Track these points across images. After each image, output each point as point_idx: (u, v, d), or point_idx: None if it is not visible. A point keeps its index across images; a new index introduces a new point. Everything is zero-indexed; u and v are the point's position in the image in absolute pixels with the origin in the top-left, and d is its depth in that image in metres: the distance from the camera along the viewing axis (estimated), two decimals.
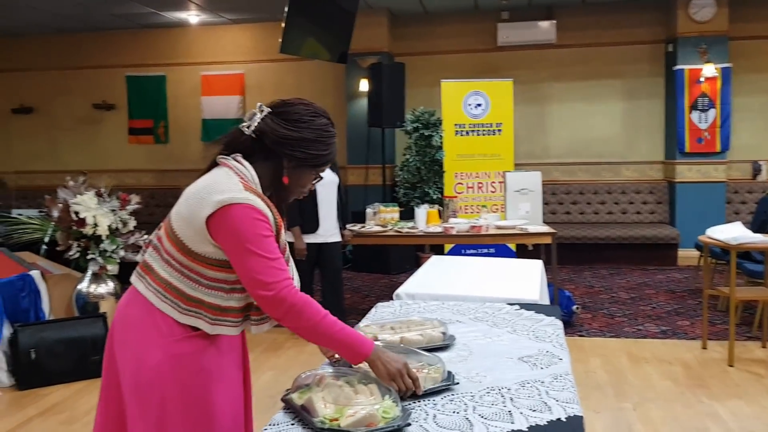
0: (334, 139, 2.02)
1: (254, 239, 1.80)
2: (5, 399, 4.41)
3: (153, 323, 1.87)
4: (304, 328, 1.84)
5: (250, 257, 1.80)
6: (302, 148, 1.94)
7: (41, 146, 10.67)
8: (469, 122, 7.92)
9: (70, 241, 5.12)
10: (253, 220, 1.81)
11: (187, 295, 1.86)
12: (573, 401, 1.86)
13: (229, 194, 1.81)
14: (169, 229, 1.90)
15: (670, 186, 8.92)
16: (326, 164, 2.02)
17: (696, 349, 5.11)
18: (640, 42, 9.06)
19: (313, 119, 1.97)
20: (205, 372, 1.88)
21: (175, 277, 1.87)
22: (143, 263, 1.96)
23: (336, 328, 1.85)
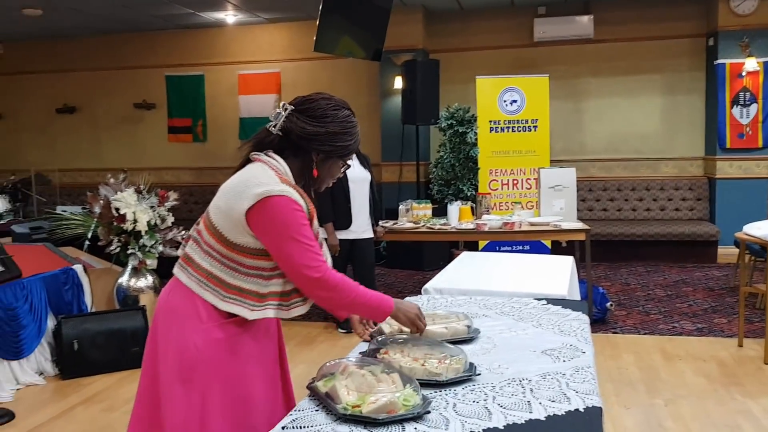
0: (357, 128, 2.13)
1: (295, 228, 1.92)
2: (50, 388, 4.57)
3: (194, 310, 1.98)
4: (345, 302, 2.01)
5: (292, 245, 1.92)
6: (330, 141, 2.05)
7: (84, 145, 10.93)
8: (505, 118, 7.91)
9: (111, 236, 5.27)
10: (292, 211, 1.93)
11: (228, 283, 1.97)
12: (593, 393, 1.88)
13: (267, 187, 1.92)
14: (208, 222, 2.02)
15: (710, 182, 8.78)
16: (352, 153, 2.14)
17: (732, 347, 5.04)
18: (680, 36, 8.93)
19: (336, 112, 2.07)
20: (242, 355, 2.01)
21: (215, 266, 1.98)
22: (184, 255, 2.07)
23: (367, 297, 2.02)
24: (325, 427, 1.70)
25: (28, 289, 4.70)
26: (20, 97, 11.06)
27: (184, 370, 1.97)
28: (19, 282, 4.64)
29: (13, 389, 4.45)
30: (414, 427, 1.67)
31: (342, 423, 1.70)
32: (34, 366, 4.71)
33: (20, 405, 4.21)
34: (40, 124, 11.03)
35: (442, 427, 1.67)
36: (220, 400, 1.98)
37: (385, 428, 1.67)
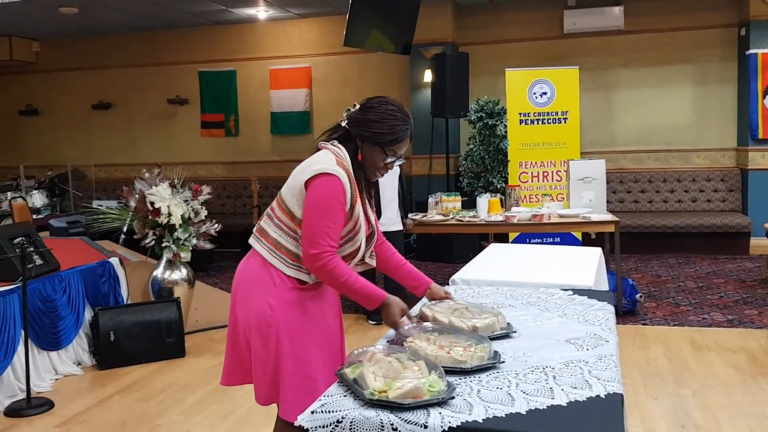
0: (399, 122, 2.39)
1: (328, 205, 2.27)
2: (87, 377, 4.70)
3: (269, 275, 2.38)
4: (334, 284, 2.35)
5: (317, 218, 2.27)
6: (367, 127, 2.38)
7: (119, 140, 11.13)
8: (534, 111, 7.90)
9: (146, 229, 5.39)
10: (335, 190, 2.27)
11: (293, 252, 2.36)
12: (615, 380, 1.92)
13: (323, 165, 2.29)
14: (279, 199, 2.40)
15: (742, 173, 8.69)
16: (389, 143, 2.39)
17: (762, 338, 5.02)
18: (712, 26, 8.83)
19: (381, 105, 2.41)
20: (308, 315, 2.38)
21: (283, 238, 2.37)
22: (259, 228, 2.46)
23: (356, 286, 2.30)
24: (353, 411, 1.75)
25: (67, 282, 4.83)
26: (57, 94, 11.30)
27: (261, 326, 2.35)
28: (57, 275, 4.78)
29: (52, 379, 4.58)
30: (439, 411, 1.72)
31: (369, 408, 1.76)
32: (72, 356, 4.84)
33: (59, 394, 4.34)
34: (76, 121, 11.26)
35: (466, 412, 1.72)
36: (290, 351, 2.34)
37: (410, 413, 1.72)
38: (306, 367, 2.35)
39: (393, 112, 2.39)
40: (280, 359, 2.34)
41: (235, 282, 2.48)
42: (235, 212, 10.26)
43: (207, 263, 8.38)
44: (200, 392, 4.35)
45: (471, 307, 2.45)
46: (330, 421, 1.75)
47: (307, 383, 2.34)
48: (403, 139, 2.41)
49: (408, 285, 2.64)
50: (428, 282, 2.59)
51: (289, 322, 2.35)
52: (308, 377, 2.35)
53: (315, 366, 2.37)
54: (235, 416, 3.94)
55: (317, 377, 2.36)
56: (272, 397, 2.39)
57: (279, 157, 10.33)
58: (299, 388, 2.33)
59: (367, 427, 1.72)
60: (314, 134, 10.00)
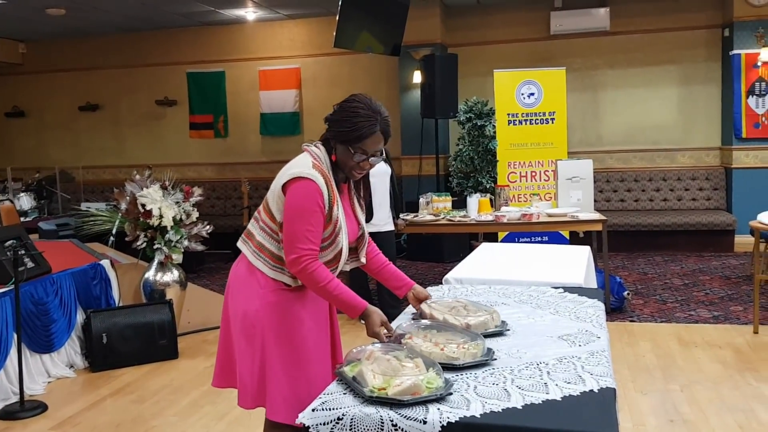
0: (361, 118, 2.33)
1: (305, 209, 2.29)
2: (80, 380, 4.70)
3: (255, 278, 2.41)
4: (314, 289, 2.34)
5: (294, 223, 2.29)
6: (334, 127, 2.38)
7: (107, 142, 11.10)
8: (522, 111, 7.97)
9: (138, 231, 5.39)
10: (310, 193, 2.29)
11: (275, 255, 2.38)
12: (607, 375, 1.97)
13: (299, 169, 2.32)
14: (264, 203, 2.44)
15: (726, 172, 8.80)
16: (353, 141, 2.34)
17: (747, 334, 5.11)
18: (696, 27, 8.94)
19: (347, 104, 2.39)
20: (292, 316, 2.41)
21: (267, 240, 2.40)
22: (246, 231, 2.50)
23: (336, 292, 2.32)
24: (353, 408, 1.80)
25: (58, 284, 4.83)
26: (44, 96, 11.25)
27: (246, 327, 2.40)
28: (49, 277, 4.77)
29: (45, 382, 4.58)
30: (437, 407, 1.77)
31: (369, 405, 1.80)
32: (64, 359, 4.84)
33: (52, 397, 4.34)
34: (64, 122, 11.22)
35: (464, 407, 1.77)
36: (277, 353, 2.37)
37: (409, 409, 1.76)
38: (292, 367, 2.37)
39: (356, 109, 2.34)
40: (266, 360, 2.37)
41: (228, 284, 2.53)
42: (225, 214, 10.26)
43: (198, 265, 8.39)
44: (194, 393, 4.37)
45: (469, 305, 2.49)
46: (331, 418, 1.79)
47: (294, 383, 2.37)
48: (369, 136, 2.33)
49: (391, 286, 2.67)
50: (411, 283, 2.61)
51: (274, 323, 2.37)
52: (295, 377, 2.37)
53: (302, 366, 2.39)
54: (230, 417, 3.97)
55: (304, 377, 2.38)
56: (258, 400, 2.41)
57: (269, 158, 10.34)
58: (286, 388, 2.36)
59: (368, 424, 1.76)
60: (304, 135, 10.04)
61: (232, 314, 2.45)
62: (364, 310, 2.33)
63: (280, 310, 2.39)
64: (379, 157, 2.42)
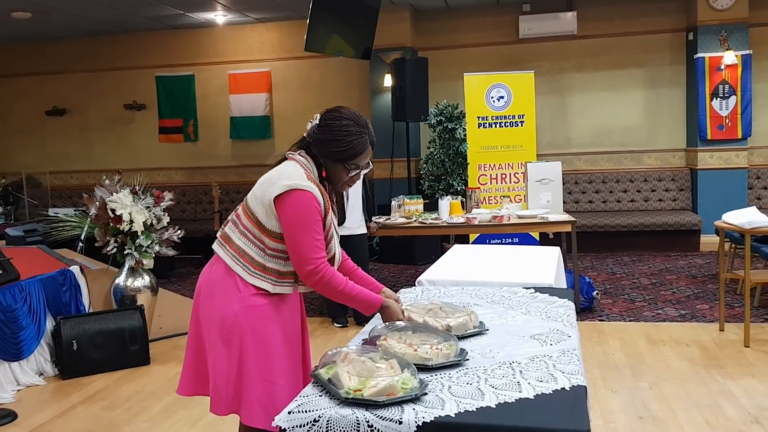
0: (355, 137, 2.39)
1: (308, 221, 2.30)
2: (50, 388, 4.64)
3: (233, 282, 2.38)
4: (333, 294, 2.38)
5: (301, 235, 2.30)
6: (326, 147, 2.40)
7: (75, 147, 10.97)
8: (492, 114, 8.04)
9: (108, 237, 5.34)
10: (310, 206, 2.30)
11: (256, 261, 2.37)
12: (578, 373, 2.01)
13: (295, 180, 2.31)
14: (246, 207, 2.41)
15: (692, 173, 8.97)
16: (349, 159, 2.40)
17: (713, 332, 5.21)
18: (661, 31, 9.11)
19: (335, 122, 2.39)
20: (271, 320, 2.39)
21: (248, 245, 2.38)
22: (223, 234, 2.47)
23: (354, 293, 2.38)
24: (329, 410, 1.81)
25: (27, 291, 4.76)
26: (9, 100, 11.09)
27: (224, 332, 2.37)
28: (17, 284, 4.69)
29: (14, 390, 4.50)
30: (412, 408, 1.79)
31: (345, 406, 1.81)
32: (34, 367, 4.77)
33: (22, 405, 4.28)
34: (30, 127, 11.06)
35: (439, 407, 1.79)
36: (254, 357, 2.36)
37: (385, 410, 1.78)
38: (269, 371, 2.37)
39: (347, 127, 2.37)
40: (244, 365, 2.35)
41: (198, 288, 2.50)
42: (196, 218, 10.20)
43: (168, 270, 8.33)
44: (167, 399, 4.34)
45: (445, 306, 2.52)
46: (307, 420, 1.80)
47: (270, 387, 2.36)
48: (362, 152, 2.40)
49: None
50: (379, 287, 2.60)
51: (253, 328, 2.36)
52: (271, 381, 2.37)
53: (278, 370, 2.39)
54: (203, 422, 3.95)
55: (280, 381, 2.38)
56: (232, 406, 2.39)
57: (239, 162, 10.31)
58: (262, 393, 2.35)
59: (344, 425, 1.77)
60: (275, 139, 10.02)
61: (206, 319, 2.42)
62: (381, 303, 2.41)
63: (259, 314, 2.37)
64: (369, 167, 2.51)
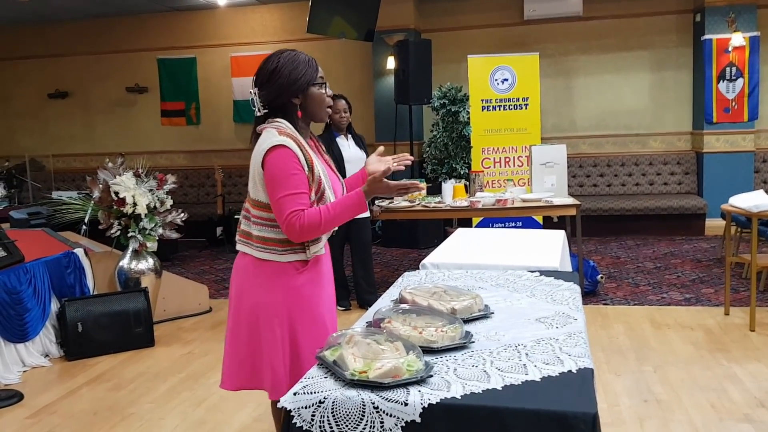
0: (302, 55, 2.44)
1: (284, 175, 2.28)
2: (56, 369, 4.67)
3: (265, 269, 2.40)
4: (319, 229, 2.33)
5: (277, 189, 2.29)
6: (290, 86, 2.39)
7: (77, 130, 10.95)
8: (496, 97, 7.98)
9: (112, 219, 5.35)
10: (285, 158, 2.28)
11: (281, 240, 2.38)
12: (584, 355, 2.00)
13: (268, 142, 2.31)
14: (249, 197, 2.44)
15: (697, 156, 8.92)
16: (312, 78, 2.42)
17: (719, 315, 5.20)
18: (668, 12, 9.02)
19: (278, 64, 2.40)
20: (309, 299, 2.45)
21: (267, 231, 2.39)
22: (241, 232, 2.48)
23: (338, 210, 2.34)
24: (335, 392, 1.80)
25: (32, 273, 4.78)
26: (11, 83, 11.06)
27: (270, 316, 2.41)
28: (22, 266, 4.72)
29: (20, 371, 4.54)
30: (418, 389, 1.78)
31: (350, 388, 1.81)
32: (39, 348, 4.80)
33: (28, 386, 4.31)
34: (33, 110, 11.04)
35: (444, 389, 1.78)
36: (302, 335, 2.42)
37: (391, 391, 1.77)
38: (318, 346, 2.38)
39: (287, 57, 2.40)
40: (296, 344, 2.41)
41: (233, 284, 2.52)
42: (198, 201, 10.19)
43: (172, 253, 8.33)
44: (171, 380, 4.36)
45: (450, 290, 2.51)
46: (312, 401, 1.80)
47: None
48: (316, 63, 2.46)
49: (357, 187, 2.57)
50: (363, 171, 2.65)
51: (294, 308, 2.41)
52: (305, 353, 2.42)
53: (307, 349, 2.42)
54: (208, 403, 3.96)
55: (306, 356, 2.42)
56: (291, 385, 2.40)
57: (242, 146, 10.28)
58: None
59: (349, 407, 1.77)
60: None
61: (246, 310, 2.44)
62: (363, 193, 2.36)
63: (297, 294, 2.41)
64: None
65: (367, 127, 9.23)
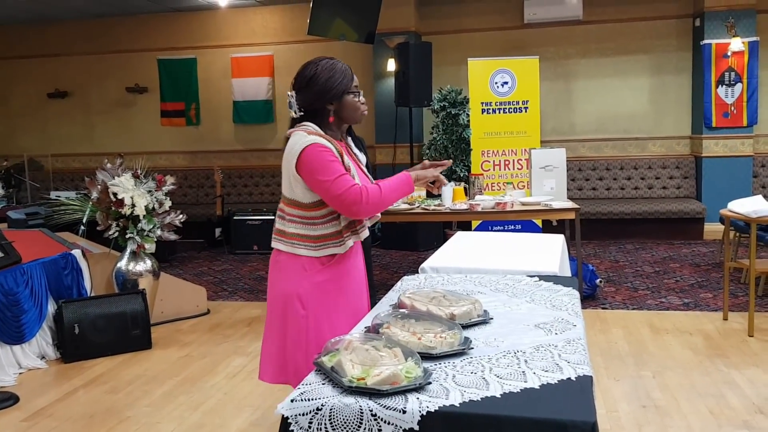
0: (339, 64, 2.59)
1: (321, 167, 2.40)
2: (52, 371, 4.64)
3: (298, 264, 2.52)
4: (381, 204, 2.49)
5: (325, 178, 2.40)
6: (327, 92, 2.53)
7: (76, 130, 10.94)
8: (496, 100, 7.99)
9: (110, 221, 5.33)
10: (319, 152, 2.40)
11: (315, 236, 2.51)
12: (584, 363, 1.99)
13: (300, 143, 2.43)
14: (283, 198, 2.56)
15: (696, 161, 8.92)
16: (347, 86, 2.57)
17: (717, 320, 5.19)
18: (668, 17, 9.03)
19: (316, 70, 2.54)
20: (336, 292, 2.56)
21: (302, 228, 2.51)
22: (276, 231, 2.61)
23: (391, 185, 2.52)
24: (332, 399, 1.79)
25: (29, 274, 4.76)
26: (10, 82, 11.05)
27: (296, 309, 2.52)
28: (19, 267, 4.70)
29: (16, 373, 4.52)
30: (416, 397, 1.76)
31: (348, 395, 1.79)
32: (35, 350, 4.78)
33: (24, 388, 4.29)
34: (32, 109, 11.03)
35: (443, 396, 1.77)
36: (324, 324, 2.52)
37: (389, 399, 1.75)
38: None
39: (327, 65, 2.55)
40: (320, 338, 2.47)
41: (269, 279, 2.66)
42: (198, 202, 10.18)
43: (170, 254, 8.32)
44: (168, 384, 4.34)
45: (449, 295, 2.50)
46: (310, 408, 1.78)
47: None
48: (352, 73, 2.61)
49: None
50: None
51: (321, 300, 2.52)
52: None
53: None
54: (205, 407, 3.95)
55: None
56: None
57: (242, 147, 10.28)
58: None
59: (347, 414, 1.75)
60: (277, 123, 9.99)
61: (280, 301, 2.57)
62: (411, 178, 2.55)
63: (326, 287, 2.53)
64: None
65: (367, 128, 9.23)
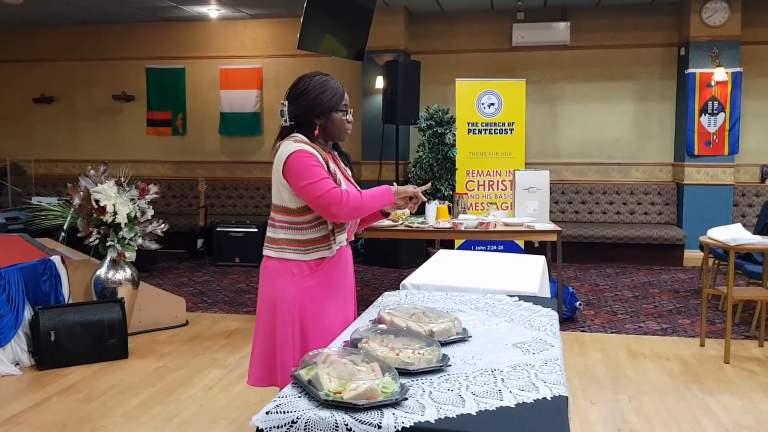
0: (333, 82, 2.67)
1: (304, 171, 2.49)
2: (26, 378, 4.58)
3: (287, 269, 2.59)
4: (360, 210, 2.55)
5: (308, 182, 2.48)
6: (316, 107, 2.61)
7: (61, 135, 10.86)
8: (482, 121, 8.04)
9: (91, 228, 5.29)
10: (303, 158, 2.50)
11: (303, 240, 2.59)
12: (560, 383, 2.00)
13: (286, 150, 2.54)
14: (273, 206, 2.63)
15: (678, 188, 9.01)
16: (337, 103, 2.64)
17: (694, 347, 5.23)
18: (653, 45, 9.16)
19: (309, 84, 2.63)
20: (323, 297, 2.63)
21: (292, 233, 2.60)
22: (267, 239, 2.67)
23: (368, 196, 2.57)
24: (308, 412, 1.78)
25: (6, 279, 4.70)
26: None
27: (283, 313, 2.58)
28: None
29: None
30: (392, 412, 1.77)
31: (324, 408, 1.79)
32: (10, 356, 4.71)
33: None
34: (16, 114, 10.94)
35: (419, 412, 1.77)
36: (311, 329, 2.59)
37: (365, 413, 1.75)
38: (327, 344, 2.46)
39: (319, 81, 2.63)
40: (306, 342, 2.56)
41: (259, 285, 2.71)
42: (181, 212, 10.13)
43: (150, 264, 8.26)
44: (144, 394, 4.30)
45: (428, 312, 2.50)
46: (285, 421, 1.78)
47: None
48: (344, 91, 2.68)
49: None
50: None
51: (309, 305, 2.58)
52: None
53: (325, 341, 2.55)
54: (180, 418, 3.92)
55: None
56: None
57: (228, 158, 10.26)
58: None
59: (322, 427, 1.74)
60: (264, 136, 9.99)
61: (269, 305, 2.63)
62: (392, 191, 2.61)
63: (313, 292, 2.60)
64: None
65: (354, 145, 9.25)
